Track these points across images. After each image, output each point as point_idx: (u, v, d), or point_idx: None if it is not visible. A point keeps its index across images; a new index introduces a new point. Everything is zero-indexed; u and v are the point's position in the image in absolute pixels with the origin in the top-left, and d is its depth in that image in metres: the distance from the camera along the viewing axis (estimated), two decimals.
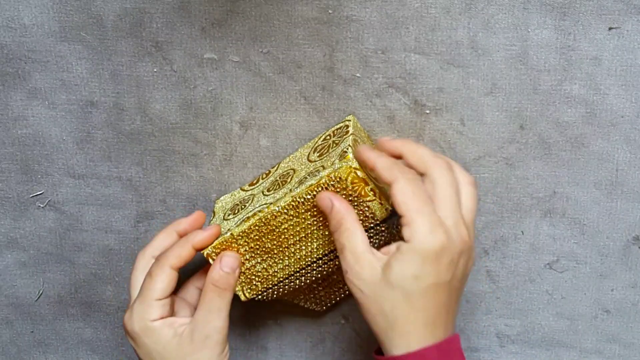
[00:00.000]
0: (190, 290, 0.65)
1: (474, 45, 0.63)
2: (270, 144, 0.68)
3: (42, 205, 0.72)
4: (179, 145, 0.69)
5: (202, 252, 0.61)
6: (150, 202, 0.71)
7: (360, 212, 0.58)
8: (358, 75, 0.65)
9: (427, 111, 0.66)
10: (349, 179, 0.57)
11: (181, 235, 0.63)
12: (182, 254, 0.60)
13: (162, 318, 0.60)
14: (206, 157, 0.69)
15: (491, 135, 0.66)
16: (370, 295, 0.55)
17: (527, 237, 0.70)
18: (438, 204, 0.54)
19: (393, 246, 0.55)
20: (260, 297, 0.63)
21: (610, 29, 0.62)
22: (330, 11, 0.63)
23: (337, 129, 0.64)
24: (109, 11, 0.65)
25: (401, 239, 0.54)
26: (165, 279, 0.60)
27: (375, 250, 0.55)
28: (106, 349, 0.78)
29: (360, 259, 0.55)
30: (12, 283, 0.75)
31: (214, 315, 0.59)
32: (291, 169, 0.63)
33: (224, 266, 0.60)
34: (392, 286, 0.54)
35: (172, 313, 0.62)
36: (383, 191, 0.59)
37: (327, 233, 0.60)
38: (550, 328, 0.73)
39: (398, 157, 0.57)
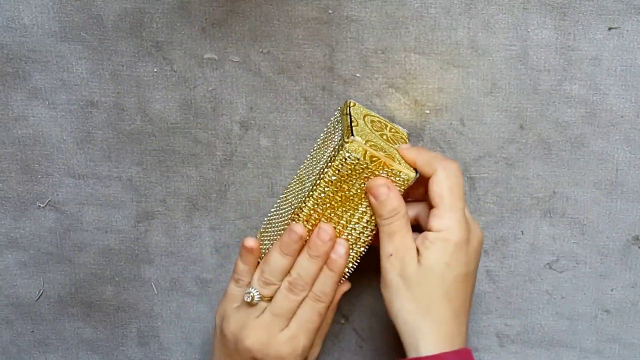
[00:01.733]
0: None
1: (473, 45, 0.63)
2: (271, 144, 0.68)
3: (42, 205, 0.72)
4: (179, 145, 0.69)
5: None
6: (150, 202, 0.71)
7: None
8: (358, 75, 0.65)
9: (427, 111, 0.66)
10: (365, 156, 0.58)
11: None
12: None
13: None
14: (206, 157, 0.69)
15: (491, 135, 0.66)
16: (410, 279, 0.58)
17: (527, 237, 0.70)
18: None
19: (419, 238, 0.59)
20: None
21: (610, 29, 0.62)
22: (330, 11, 0.63)
23: (336, 119, 0.64)
24: (109, 11, 0.65)
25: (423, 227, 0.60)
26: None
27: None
28: (106, 348, 0.78)
29: (408, 245, 0.58)
30: (13, 283, 0.75)
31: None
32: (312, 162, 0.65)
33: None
34: (428, 272, 0.57)
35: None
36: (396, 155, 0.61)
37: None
38: (550, 328, 0.73)
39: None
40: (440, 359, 0.56)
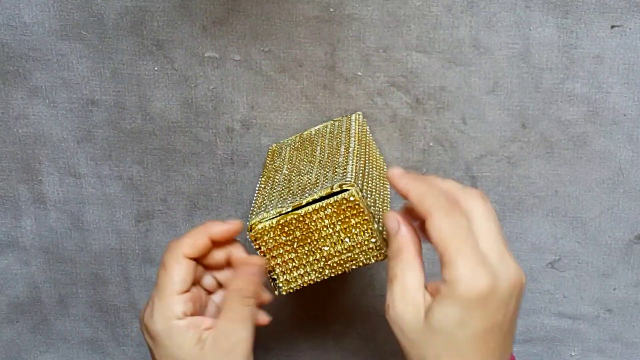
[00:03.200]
0: (220, 293, 0.59)
1: (475, 43, 0.63)
2: (272, 142, 0.68)
3: (42, 205, 0.72)
4: (180, 144, 0.69)
5: (250, 235, 0.56)
6: (151, 201, 0.71)
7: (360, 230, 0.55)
8: (359, 73, 0.65)
9: (429, 110, 0.66)
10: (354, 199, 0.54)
11: (213, 240, 0.56)
12: (197, 242, 0.55)
13: (186, 316, 0.54)
14: (207, 156, 0.69)
15: (493, 133, 0.66)
16: (412, 338, 0.49)
17: (529, 236, 0.69)
18: (478, 238, 0.48)
19: (433, 285, 0.49)
20: (293, 289, 0.60)
21: (612, 27, 0.62)
22: (331, 9, 0.63)
23: (340, 128, 0.64)
24: (109, 9, 0.64)
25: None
26: (181, 269, 0.54)
27: (426, 292, 0.49)
28: (107, 348, 0.77)
29: (407, 297, 0.49)
30: (13, 282, 0.75)
31: (238, 324, 0.54)
32: (310, 163, 0.61)
33: (248, 272, 0.55)
34: (435, 332, 0.47)
35: (198, 310, 0.56)
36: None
37: (347, 242, 0.56)
38: (552, 327, 0.72)
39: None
40: None
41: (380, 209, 0.57)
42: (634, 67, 0.63)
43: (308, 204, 0.54)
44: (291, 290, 0.58)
